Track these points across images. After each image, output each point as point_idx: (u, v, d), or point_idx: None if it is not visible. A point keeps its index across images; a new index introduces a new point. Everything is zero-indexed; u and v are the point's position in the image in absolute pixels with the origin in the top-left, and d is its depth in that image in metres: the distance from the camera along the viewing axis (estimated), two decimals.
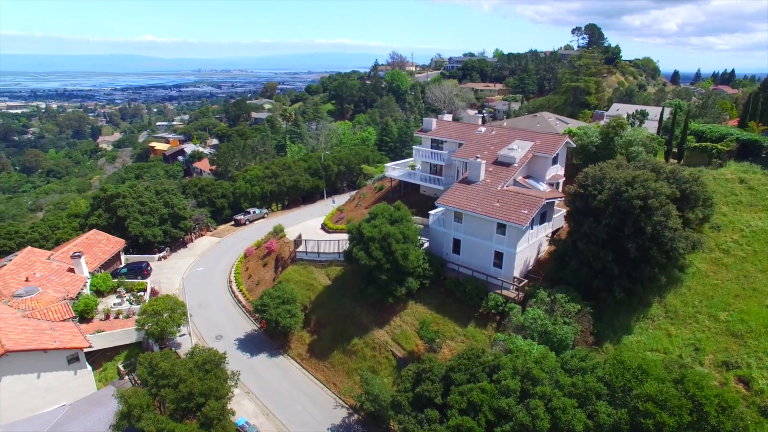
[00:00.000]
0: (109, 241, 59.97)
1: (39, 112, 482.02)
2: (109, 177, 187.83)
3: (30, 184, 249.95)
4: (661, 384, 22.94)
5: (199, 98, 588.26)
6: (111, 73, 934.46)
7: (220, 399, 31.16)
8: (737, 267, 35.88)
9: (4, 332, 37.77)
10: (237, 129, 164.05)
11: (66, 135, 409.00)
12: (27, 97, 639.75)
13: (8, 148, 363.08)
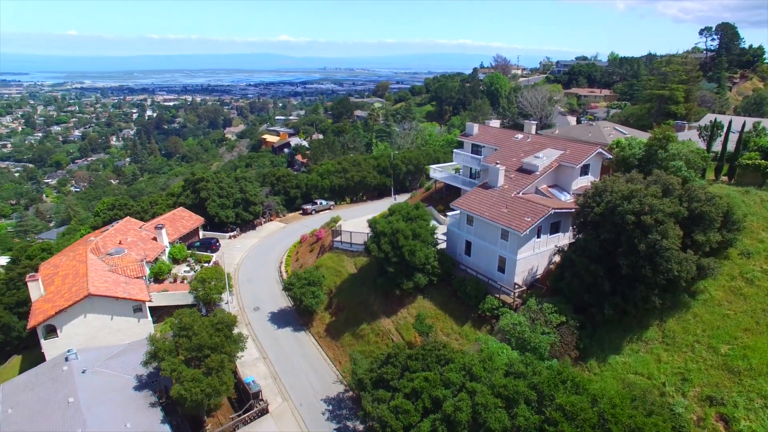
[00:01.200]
0: (191, 218, 69.67)
1: (185, 104, 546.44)
2: (225, 164, 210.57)
3: (168, 166, 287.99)
4: (574, 396, 23.08)
5: (322, 95, 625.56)
6: (247, 70, 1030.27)
7: (222, 354, 36.41)
8: (758, 299, 32.72)
9: (91, 280, 47.11)
10: (336, 126, 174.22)
11: (203, 125, 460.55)
12: (179, 91, 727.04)
13: (159, 135, 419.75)
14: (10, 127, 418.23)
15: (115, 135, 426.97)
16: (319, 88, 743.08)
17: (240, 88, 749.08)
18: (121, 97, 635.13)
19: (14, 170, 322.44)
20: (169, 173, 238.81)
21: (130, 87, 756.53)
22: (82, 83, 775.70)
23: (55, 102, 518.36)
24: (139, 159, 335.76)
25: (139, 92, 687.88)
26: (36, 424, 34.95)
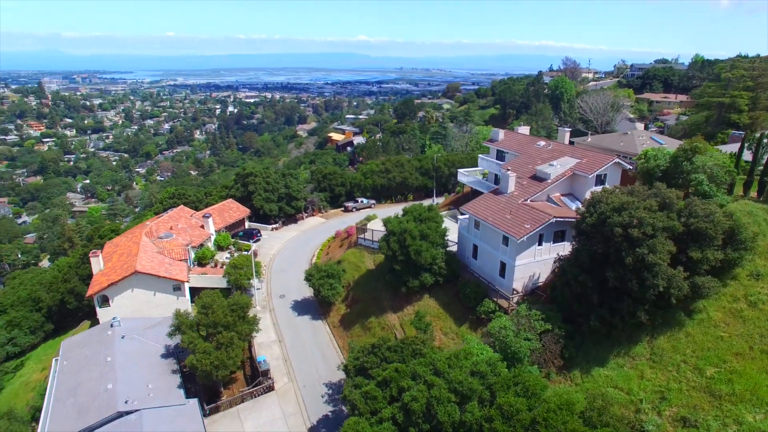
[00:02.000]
0: (238, 209, 75.43)
1: (264, 101, 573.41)
2: (291, 160, 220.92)
3: (242, 160, 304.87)
4: (514, 398, 24.08)
5: (396, 95, 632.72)
6: (326, 69, 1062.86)
7: (233, 332, 40.35)
8: (757, 323, 31.25)
9: (140, 259, 53.29)
10: (398, 126, 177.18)
11: (279, 122, 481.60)
12: (260, 88, 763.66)
13: (237, 130, 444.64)
14: (112, 120, 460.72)
15: (199, 129, 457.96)
16: (394, 87, 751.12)
17: (317, 87, 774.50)
18: (207, 93, 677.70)
19: (113, 159, 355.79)
20: (240, 166, 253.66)
21: (216, 84, 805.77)
22: (176, 80, 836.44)
23: (151, 98, 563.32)
24: (217, 152, 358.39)
25: (224, 89, 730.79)
26: (81, 375, 40.89)
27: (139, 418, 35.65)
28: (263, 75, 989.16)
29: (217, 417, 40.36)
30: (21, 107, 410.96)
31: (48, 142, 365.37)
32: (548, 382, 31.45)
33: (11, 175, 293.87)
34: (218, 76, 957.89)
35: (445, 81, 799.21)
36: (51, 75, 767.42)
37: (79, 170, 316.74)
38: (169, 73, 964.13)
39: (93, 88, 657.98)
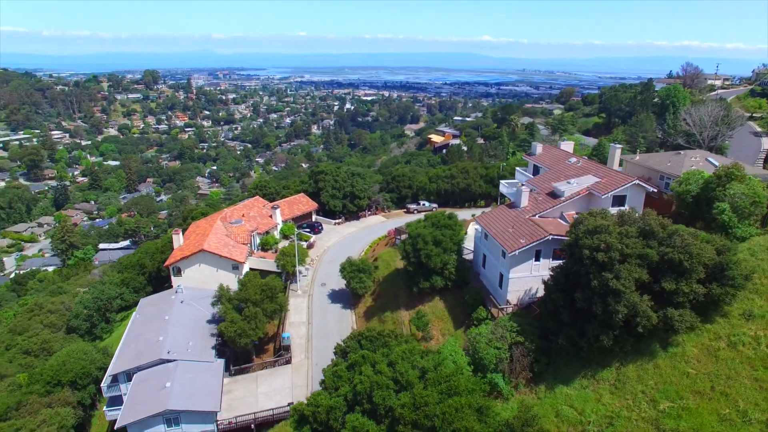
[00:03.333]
0: (307, 203, 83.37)
1: (381, 99, 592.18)
2: (390, 158, 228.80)
3: (349, 156, 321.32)
4: (425, 390, 26.90)
5: (514, 97, 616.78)
6: (446, 69, 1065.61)
7: (258, 307, 47.03)
8: (730, 365, 29.82)
9: (208, 240, 62.85)
10: (492, 131, 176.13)
11: (393, 120, 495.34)
12: (379, 86, 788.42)
13: (352, 127, 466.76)
14: (242, 113, 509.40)
15: (317, 124, 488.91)
16: (513, 90, 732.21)
17: (435, 86, 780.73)
18: (329, 90, 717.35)
19: (238, 148, 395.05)
20: (345, 162, 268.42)
21: (339, 81, 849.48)
22: (303, 77, 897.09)
23: (277, 93, 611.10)
24: (329, 147, 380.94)
25: (345, 86, 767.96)
26: (145, 327, 50.75)
27: (175, 366, 43.83)
28: (384, 74, 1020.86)
29: (239, 378, 47.55)
30: (172, 100, 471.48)
31: (189, 131, 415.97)
32: (487, 386, 33.09)
33: (158, 159, 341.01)
34: (342, 73, 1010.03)
35: (569, 84, 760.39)
36: (199, 72, 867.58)
37: (209, 157, 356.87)
38: (298, 70, 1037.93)
39: (231, 83, 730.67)
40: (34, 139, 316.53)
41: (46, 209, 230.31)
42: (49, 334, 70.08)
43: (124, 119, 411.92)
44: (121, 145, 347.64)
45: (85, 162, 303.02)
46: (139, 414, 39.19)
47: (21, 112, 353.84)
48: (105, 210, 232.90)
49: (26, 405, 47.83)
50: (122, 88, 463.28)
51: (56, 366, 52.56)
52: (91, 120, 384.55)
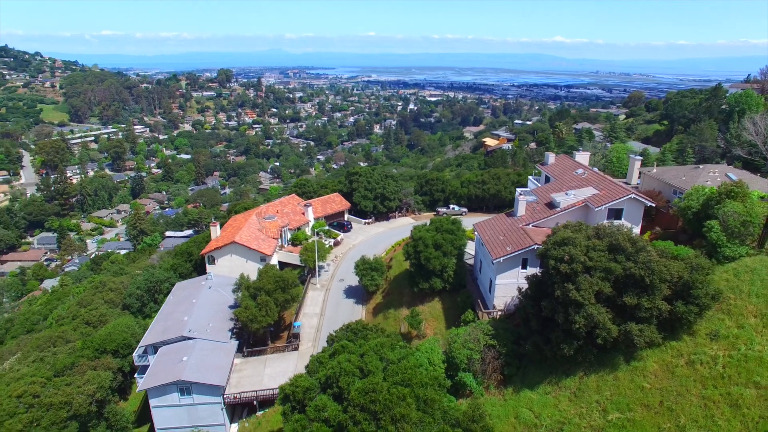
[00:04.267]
0: (341, 202, 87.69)
1: (445, 100, 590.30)
2: (443, 161, 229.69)
3: (407, 157, 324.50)
4: (373, 377, 29.68)
5: (584, 100, 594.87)
6: (514, 70, 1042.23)
7: (270, 297, 51.48)
8: (684, 382, 30.04)
9: (240, 232, 68.61)
10: (544, 135, 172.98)
11: (455, 121, 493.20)
12: (445, 87, 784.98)
13: (414, 127, 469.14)
14: (308, 111, 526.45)
15: (380, 124, 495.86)
16: (583, 93, 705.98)
17: (502, 88, 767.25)
18: (395, 90, 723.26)
19: (301, 146, 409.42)
20: (399, 164, 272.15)
21: (405, 81, 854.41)
22: (369, 77, 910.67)
23: (343, 93, 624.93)
24: (389, 147, 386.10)
25: (411, 86, 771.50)
26: (175, 307, 56.89)
27: (194, 343, 49.27)
28: (451, 74, 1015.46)
29: (251, 359, 52.33)
30: (243, 98, 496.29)
31: (256, 128, 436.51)
32: (447, 382, 35.02)
33: (225, 154, 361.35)
34: (409, 73, 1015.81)
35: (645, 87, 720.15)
36: (271, 71, 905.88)
37: (273, 153, 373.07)
38: (366, 69, 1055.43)
39: (300, 82, 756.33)
40: (120, 133, 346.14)
41: (124, 197, 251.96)
42: (107, 309, 78.91)
43: (198, 115, 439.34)
44: (194, 140, 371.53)
45: (160, 155, 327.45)
46: (157, 381, 44.82)
47: (111, 108, 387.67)
48: (174, 200, 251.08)
49: (78, 366, 55.29)
50: (198, 86, 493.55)
51: (104, 336, 60.03)
52: (169, 116, 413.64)
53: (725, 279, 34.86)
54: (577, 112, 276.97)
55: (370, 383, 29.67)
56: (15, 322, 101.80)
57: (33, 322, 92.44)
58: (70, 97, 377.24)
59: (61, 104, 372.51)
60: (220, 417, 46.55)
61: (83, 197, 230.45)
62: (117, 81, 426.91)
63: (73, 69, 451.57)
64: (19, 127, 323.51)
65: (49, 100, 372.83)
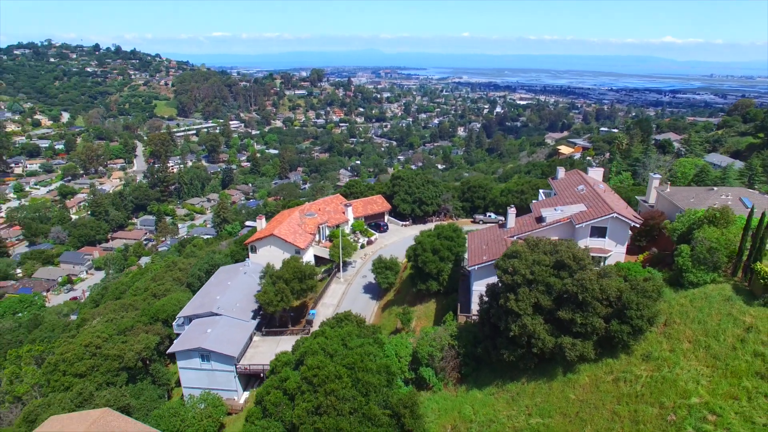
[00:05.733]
0: (382, 204, 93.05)
1: (535, 104, 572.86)
2: (512, 167, 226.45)
3: (484, 161, 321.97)
4: (323, 358, 34.58)
5: (691, 107, 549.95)
6: (615, 73, 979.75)
7: (287, 285, 58.13)
8: (604, 398, 31.31)
9: (279, 226, 76.50)
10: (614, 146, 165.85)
11: (542, 126, 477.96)
12: (538, 90, 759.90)
13: (498, 131, 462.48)
14: (394, 112, 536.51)
15: (464, 126, 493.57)
16: (691, 99, 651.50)
17: (599, 93, 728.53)
18: (484, 92, 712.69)
19: (383, 146, 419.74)
20: (472, 167, 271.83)
21: (496, 83, 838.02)
22: (460, 78, 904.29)
23: (430, 94, 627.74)
24: (469, 151, 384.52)
25: (502, 89, 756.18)
26: (213, 287, 65.68)
27: (220, 319, 57.35)
28: (545, 77, 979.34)
29: (268, 338, 59.51)
30: (332, 97, 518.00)
31: (342, 126, 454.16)
32: (389, 370, 38.85)
33: (310, 150, 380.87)
34: (501, 75, 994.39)
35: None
36: (364, 70, 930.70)
37: (355, 152, 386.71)
38: (457, 71, 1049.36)
39: (391, 82, 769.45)
40: (217, 127, 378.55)
41: (215, 187, 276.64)
42: (172, 285, 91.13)
43: (289, 113, 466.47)
44: (283, 136, 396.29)
45: (251, 149, 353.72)
46: (183, 346, 53.28)
47: (212, 105, 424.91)
48: (258, 192, 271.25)
49: (135, 329, 66.18)
50: (291, 84, 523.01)
51: (158, 306, 70.71)
52: (263, 112, 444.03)
53: (680, 304, 35.48)
54: (670, 121, 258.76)
55: (318, 361, 34.89)
56: (108, 289, 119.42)
57: (121, 291, 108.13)
58: (179, 94, 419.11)
59: (171, 100, 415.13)
60: (233, 384, 54.08)
61: (180, 185, 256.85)
62: (219, 79, 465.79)
63: (184, 68, 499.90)
64: (136, 121, 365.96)
65: (162, 97, 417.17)
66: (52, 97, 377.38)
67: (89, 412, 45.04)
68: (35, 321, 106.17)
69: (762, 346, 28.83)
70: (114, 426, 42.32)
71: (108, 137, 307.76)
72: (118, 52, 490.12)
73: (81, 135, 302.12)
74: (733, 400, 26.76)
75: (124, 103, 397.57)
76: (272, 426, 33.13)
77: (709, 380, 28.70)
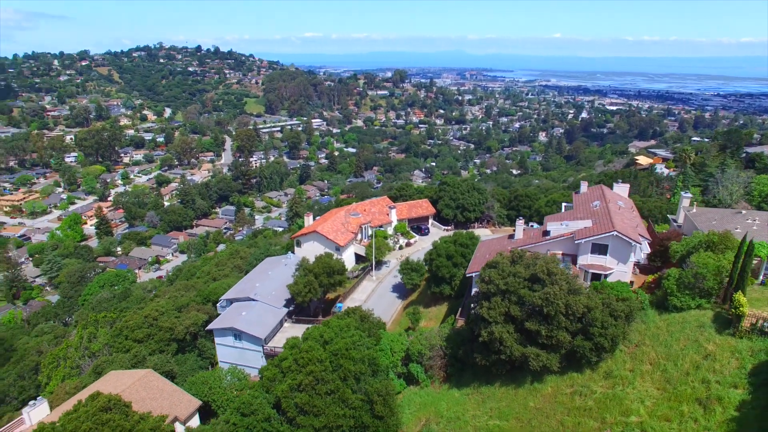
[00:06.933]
0: (427, 208, 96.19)
1: (624, 110, 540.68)
2: (581, 178, 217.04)
3: (560, 169, 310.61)
4: (313, 343, 39.05)
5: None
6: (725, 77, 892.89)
7: (316, 279, 63.57)
8: (555, 408, 33.03)
9: (323, 224, 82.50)
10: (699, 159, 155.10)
11: (631, 134, 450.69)
12: (631, 95, 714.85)
13: (582, 137, 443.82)
14: (474, 114, 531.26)
15: (546, 131, 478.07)
16: None
17: (701, 98, 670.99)
18: (572, 96, 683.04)
19: (461, 148, 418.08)
20: (545, 175, 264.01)
21: (586, 87, 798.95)
22: (548, 81, 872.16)
23: (513, 97, 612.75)
24: (547, 157, 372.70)
25: (591, 93, 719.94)
26: (255, 276, 72.94)
27: (255, 304, 64.15)
28: (641, 81, 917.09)
29: (297, 325, 65.36)
30: (413, 98, 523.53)
31: (422, 127, 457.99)
32: (375, 361, 42.19)
33: (387, 151, 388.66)
34: (592, 79, 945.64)
35: None
36: (449, 71, 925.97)
37: (431, 153, 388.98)
38: (546, 73, 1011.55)
39: (475, 84, 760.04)
40: (300, 125, 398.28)
41: (293, 182, 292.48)
42: (231, 271, 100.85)
43: (371, 112, 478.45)
44: (362, 135, 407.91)
45: (330, 147, 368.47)
46: (219, 325, 60.58)
47: (298, 103, 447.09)
48: (332, 189, 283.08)
49: (189, 306, 75.26)
50: (374, 85, 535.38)
51: (211, 289, 79.52)
52: (345, 111, 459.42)
53: (657, 327, 35.96)
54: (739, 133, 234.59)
55: (308, 346, 39.58)
56: (182, 271, 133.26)
57: (191, 273, 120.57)
58: (267, 92, 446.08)
59: (260, 98, 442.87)
60: (261, 362, 60.33)
61: (261, 179, 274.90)
62: (305, 79, 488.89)
63: (274, 68, 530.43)
64: (227, 117, 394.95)
65: (252, 95, 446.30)
66: (158, 94, 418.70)
67: (137, 371, 53.37)
68: (125, 294, 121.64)
69: (712, 373, 29.22)
70: (153, 384, 50.04)
71: (201, 131, 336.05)
72: (217, 52, 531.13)
73: (179, 129, 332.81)
74: (666, 422, 27.69)
75: (218, 100, 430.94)
76: (260, 396, 38.32)
77: (654, 402, 29.61)
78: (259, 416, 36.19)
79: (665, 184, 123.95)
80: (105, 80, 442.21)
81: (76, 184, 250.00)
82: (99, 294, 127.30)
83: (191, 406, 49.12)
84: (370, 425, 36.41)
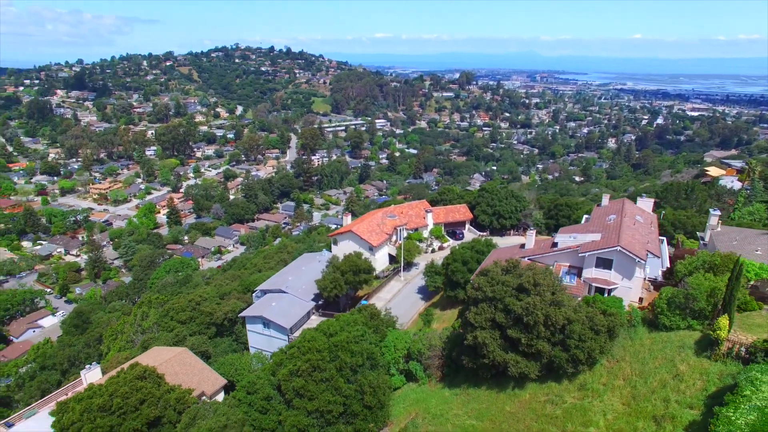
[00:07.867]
0: (465, 213, 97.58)
1: (707, 117, 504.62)
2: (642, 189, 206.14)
3: (623, 177, 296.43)
4: (317, 333, 42.66)
5: None
6: None
7: (341, 276, 67.45)
8: (527, 414, 34.36)
9: (360, 224, 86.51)
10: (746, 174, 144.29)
11: (712, 142, 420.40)
12: (717, 100, 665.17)
13: (655, 145, 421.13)
14: (541, 118, 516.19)
15: (616, 138, 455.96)
16: None
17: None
18: (649, 101, 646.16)
19: (524, 153, 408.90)
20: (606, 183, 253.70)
21: (666, 91, 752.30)
22: (624, 84, 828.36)
23: (583, 101, 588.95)
24: (613, 165, 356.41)
25: (671, 97, 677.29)
26: (290, 269, 78.17)
27: (285, 296, 69.18)
28: (731, 84, 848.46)
29: (323, 318, 69.53)
30: (479, 100, 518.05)
31: (485, 130, 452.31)
32: (371, 356, 44.86)
33: (448, 153, 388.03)
34: (674, 82, 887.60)
35: None
36: (519, 73, 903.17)
37: (493, 157, 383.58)
38: (622, 76, 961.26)
39: (546, 87, 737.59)
40: (364, 125, 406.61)
41: (352, 181, 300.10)
42: (276, 264, 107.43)
43: (435, 114, 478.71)
44: (424, 137, 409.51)
45: (392, 147, 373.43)
46: (250, 313, 66.07)
47: (363, 103, 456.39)
48: (390, 189, 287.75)
49: (230, 294, 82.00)
50: (440, 86, 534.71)
51: (251, 280, 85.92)
52: (409, 113, 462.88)
53: (642, 344, 36.31)
54: None
55: (311, 336, 43.40)
56: (236, 262, 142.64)
57: (243, 265, 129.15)
58: (334, 92, 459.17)
59: (327, 98, 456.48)
60: None
61: (321, 177, 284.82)
62: (372, 79, 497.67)
63: (342, 68, 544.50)
64: (295, 116, 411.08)
65: (320, 94, 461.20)
66: (232, 92, 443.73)
67: (175, 348, 59.86)
68: (186, 279, 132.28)
69: (675, 393, 29.75)
70: (186, 361, 56.14)
71: (269, 129, 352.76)
72: (288, 53, 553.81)
73: (248, 126, 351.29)
74: None
75: (287, 99, 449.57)
76: (265, 377, 42.64)
77: (615, 416, 30.56)
78: (260, 395, 40.46)
79: (727, 198, 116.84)
80: (185, 79, 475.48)
81: (154, 176, 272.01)
82: (164, 278, 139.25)
83: (218, 384, 54.72)
84: (359, 413, 39.57)
